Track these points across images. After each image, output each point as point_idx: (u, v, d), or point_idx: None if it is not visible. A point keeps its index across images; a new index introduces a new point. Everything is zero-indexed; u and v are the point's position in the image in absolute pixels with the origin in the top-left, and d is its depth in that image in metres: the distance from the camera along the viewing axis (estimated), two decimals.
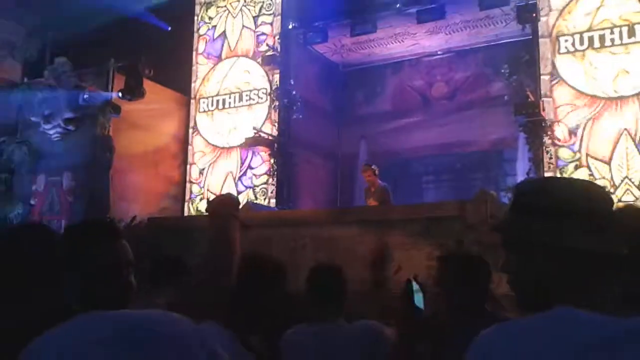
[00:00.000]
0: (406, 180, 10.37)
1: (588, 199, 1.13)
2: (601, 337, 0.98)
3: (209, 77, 11.63)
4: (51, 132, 10.37)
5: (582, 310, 1.03)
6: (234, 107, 11.25)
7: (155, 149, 10.93)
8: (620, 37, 8.37)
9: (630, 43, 8.29)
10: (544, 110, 8.48)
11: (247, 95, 11.15)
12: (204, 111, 11.53)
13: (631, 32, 8.29)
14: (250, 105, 11.06)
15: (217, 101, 11.46)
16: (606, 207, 1.14)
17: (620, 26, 8.38)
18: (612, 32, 8.42)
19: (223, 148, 11.17)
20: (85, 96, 10.05)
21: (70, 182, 10.06)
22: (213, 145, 11.28)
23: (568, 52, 8.72)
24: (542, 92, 8.66)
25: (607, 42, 8.44)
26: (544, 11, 8.88)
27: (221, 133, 11.25)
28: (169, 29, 10.84)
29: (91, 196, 9.67)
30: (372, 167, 8.28)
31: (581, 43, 8.63)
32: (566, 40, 8.75)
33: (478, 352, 1.08)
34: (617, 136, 8.15)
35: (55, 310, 1.20)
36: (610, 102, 8.29)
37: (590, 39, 8.57)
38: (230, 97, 11.33)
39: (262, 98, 10.94)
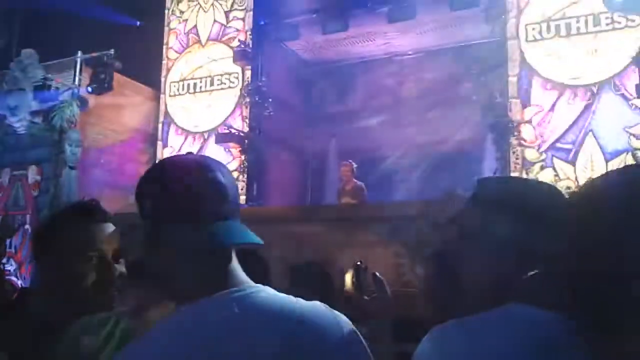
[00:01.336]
0: (376, 178, 10.42)
1: (547, 199, 1.16)
2: (556, 335, 1.00)
3: (179, 61, 11.56)
4: (17, 125, 10.17)
5: (535, 309, 1.05)
6: (206, 91, 11.19)
7: (123, 143, 10.80)
8: (586, 26, 8.52)
9: (597, 32, 8.43)
10: (511, 111, 8.63)
11: (218, 80, 11.10)
12: (174, 95, 11.45)
13: (596, 21, 8.44)
14: (222, 89, 11.02)
15: (188, 85, 11.38)
16: (562, 208, 1.17)
17: (586, 15, 8.53)
18: (577, 21, 8.58)
19: (195, 134, 11.09)
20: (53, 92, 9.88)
21: (36, 177, 9.89)
22: (184, 129, 11.18)
23: (535, 40, 8.85)
24: (509, 93, 8.80)
25: (573, 30, 8.60)
26: (512, 13, 9.02)
27: (192, 118, 11.20)
28: (138, 24, 10.70)
29: (57, 191, 9.52)
30: (352, 163, 8.34)
31: (548, 31, 8.78)
32: (533, 29, 8.88)
33: (435, 345, 1.10)
34: (582, 136, 8.33)
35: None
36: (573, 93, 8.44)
37: (557, 27, 8.72)
38: (201, 82, 11.26)
39: (233, 82, 10.89)
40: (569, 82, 8.51)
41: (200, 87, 11.27)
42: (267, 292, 1.10)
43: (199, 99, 11.23)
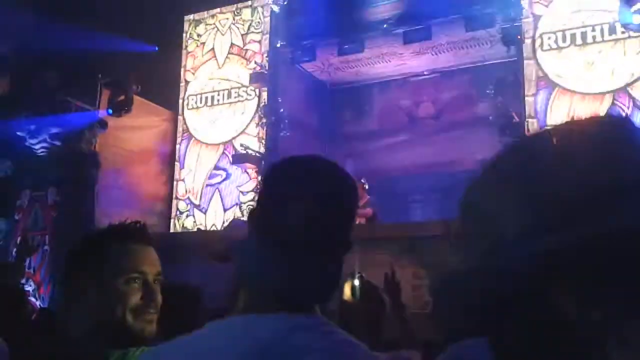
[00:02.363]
0: (392, 199, 10.40)
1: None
2: None
3: (198, 75, 11.73)
4: (36, 147, 10.31)
5: None
6: (223, 103, 11.30)
7: (141, 164, 10.90)
8: (602, 35, 8.51)
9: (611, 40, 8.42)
10: (528, 131, 8.58)
11: (235, 92, 11.20)
12: (192, 108, 11.59)
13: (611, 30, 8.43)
14: (239, 101, 11.13)
15: (206, 98, 11.50)
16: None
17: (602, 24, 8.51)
18: (593, 30, 8.57)
19: (212, 145, 11.20)
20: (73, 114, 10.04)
21: (55, 198, 9.99)
22: (201, 142, 11.29)
23: (551, 49, 8.83)
24: (526, 112, 8.77)
25: (589, 39, 8.58)
26: (528, 33, 9.02)
27: (209, 129, 11.33)
28: (157, 49, 10.87)
29: (76, 212, 9.60)
30: (363, 182, 8.36)
31: (563, 40, 8.77)
32: (549, 38, 8.87)
33: None
34: None
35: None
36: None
37: (573, 36, 8.71)
38: (219, 94, 11.38)
39: (250, 95, 10.99)
40: (584, 90, 8.48)
41: (218, 100, 11.38)
42: None
43: (216, 111, 11.34)
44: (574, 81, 8.61)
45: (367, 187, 8.37)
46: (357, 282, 1.35)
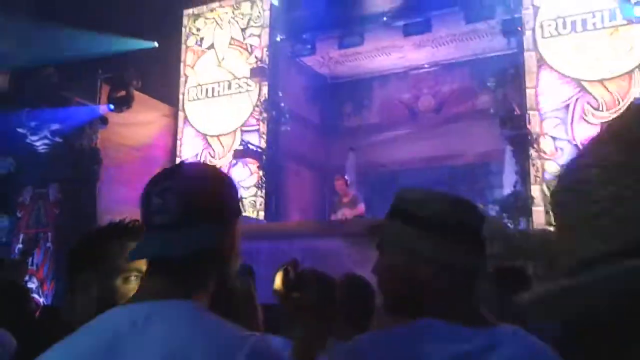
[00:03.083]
0: (393, 192, 10.40)
1: (460, 216, 1.17)
2: (460, 351, 1.05)
3: (197, 67, 11.73)
4: (37, 143, 10.30)
5: (446, 322, 1.08)
6: (224, 95, 11.30)
7: (142, 160, 10.88)
8: (602, 21, 8.48)
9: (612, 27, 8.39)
10: (530, 123, 8.57)
11: (236, 84, 11.19)
12: (192, 100, 11.60)
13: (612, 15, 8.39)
14: (239, 93, 11.13)
15: (206, 90, 11.49)
16: (475, 224, 1.18)
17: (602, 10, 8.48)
18: (593, 16, 8.54)
19: (213, 136, 11.22)
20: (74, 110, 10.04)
21: (57, 195, 9.99)
22: (203, 133, 11.32)
23: (552, 36, 8.81)
24: (527, 105, 8.75)
25: (589, 26, 8.56)
26: (528, 25, 8.99)
27: (210, 122, 11.34)
28: (156, 44, 10.85)
29: (78, 209, 9.60)
30: (345, 177, 8.49)
31: (564, 27, 8.75)
32: (549, 25, 8.85)
33: (347, 358, 1.14)
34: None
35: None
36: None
37: (573, 23, 8.69)
38: (219, 85, 11.37)
39: (250, 86, 10.98)
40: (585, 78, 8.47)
41: (218, 92, 11.37)
42: None
43: (217, 103, 11.34)
44: (573, 67, 8.59)
45: (349, 182, 8.41)
46: (290, 271, 1.34)
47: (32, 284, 9.14)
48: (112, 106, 10.07)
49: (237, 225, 1.15)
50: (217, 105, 11.33)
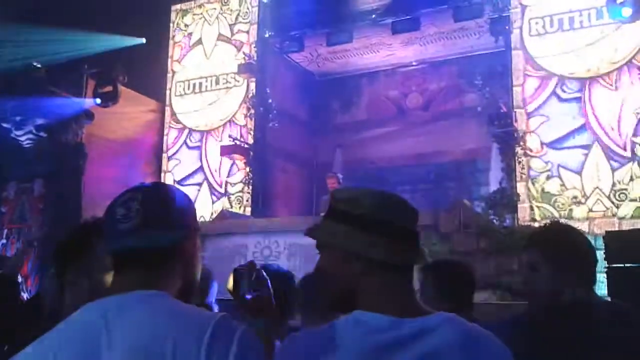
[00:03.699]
0: (381, 189, 10.44)
1: (390, 212, 1.21)
2: (388, 339, 1.09)
3: (185, 61, 11.69)
4: (22, 138, 10.20)
5: (378, 314, 1.13)
6: (211, 90, 11.26)
7: (128, 156, 10.82)
8: (589, 19, 8.55)
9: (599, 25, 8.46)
10: (516, 121, 8.62)
11: (224, 79, 11.16)
12: (180, 95, 11.56)
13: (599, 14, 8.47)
14: (227, 88, 11.09)
15: (194, 85, 11.45)
16: (405, 219, 1.23)
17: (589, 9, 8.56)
18: (580, 15, 8.61)
19: (199, 132, 11.21)
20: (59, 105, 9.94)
21: (42, 189, 9.90)
22: (188, 128, 11.29)
23: (539, 34, 8.87)
24: (514, 103, 8.80)
25: (576, 24, 8.62)
26: (516, 24, 9.04)
27: (197, 117, 11.32)
28: (144, 41, 10.78)
29: (63, 203, 9.53)
30: (338, 175, 8.50)
31: (551, 25, 8.81)
32: (536, 23, 8.91)
33: (282, 355, 1.19)
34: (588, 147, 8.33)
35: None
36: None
37: (560, 21, 8.76)
38: (206, 81, 11.34)
39: (238, 82, 10.96)
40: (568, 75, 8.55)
41: (206, 87, 11.33)
42: None
43: (204, 98, 11.30)
44: (561, 65, 8.66)
45: (341, 181, 8.39)
46: (241, 274, 1.43)
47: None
48: (98, 100, 9.98)
49: (196, 238, 1.28)
50: (204, 101, 11.29)
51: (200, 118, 11.26)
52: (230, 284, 1.42)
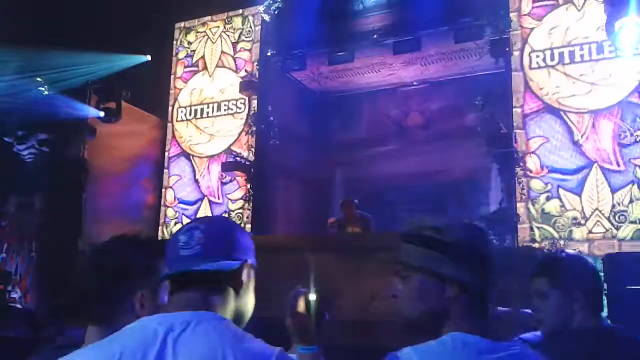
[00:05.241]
0: (381, 208, 10.43)
1: (477, 241, 1.31)
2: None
3: (186, 89, 11.78)
4: (24, 152, 10.24)
5: (472, 335, 1.22)
6: (212, 116, 11.32)
7: (130, 172, 10.86)
8: (590, 54, 8.63)
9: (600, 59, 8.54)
10: (516, 142, 8.67)
11: (225, 105, 11.23)
12: (182, 120, 11.63)
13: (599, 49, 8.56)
14: (228, 114, 11.15)
15: (195, 110, 11.51)
16: (485, 248, 1.33)
17: (589, 43, 8.65)
18: (581, 49, 8.69)
19: (201, 158, 11.23)
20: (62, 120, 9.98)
21: (43, 204, 9.92)
22: (190, 154, 11.34)
23: (539, 67, 8.95)
24: (514, 124, 8.85)
25: (577, 58, 8.70)
26: (516, 46, 9.13)
27: (198, 143, 11.36)
28: (149, 58, 10.88)
29: (63, 219, 9.53)
30: (354, 201, 8.37)
31: (552, 59, 8.89)
32: (537, 56, 8.99)
33: None
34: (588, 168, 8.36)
35: None
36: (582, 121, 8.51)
37: (561, 55, 8.84)
38: (208, 107, 11.40)
39: (240, 108, 11.02)
40: (571, 107, 8.61)
41: (207, 113, 11.40)
42: None
43: (205, 124, 11.36)
44: (562, 99, 8.73)
45: (356, 202, 8.37)
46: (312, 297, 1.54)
47: (15, 294, 9.04)
48: (99, 117, 10.04)
49: (250, 271, 1.39)
50: (205, 126, 11.36)
51: (201, 145, 11.35)
52: (301, 308, 1.55)
